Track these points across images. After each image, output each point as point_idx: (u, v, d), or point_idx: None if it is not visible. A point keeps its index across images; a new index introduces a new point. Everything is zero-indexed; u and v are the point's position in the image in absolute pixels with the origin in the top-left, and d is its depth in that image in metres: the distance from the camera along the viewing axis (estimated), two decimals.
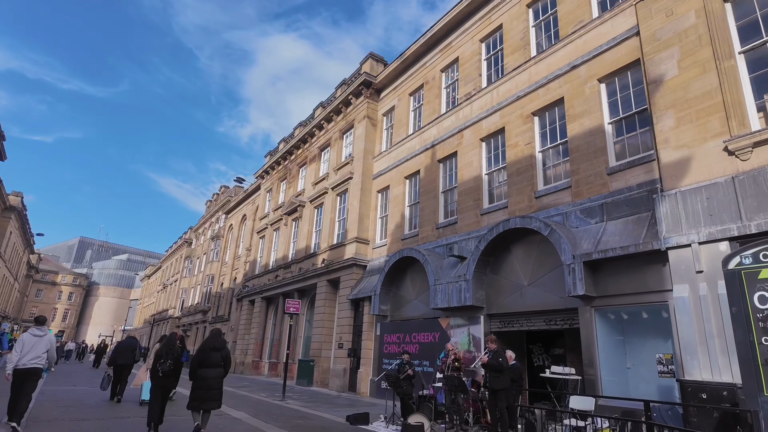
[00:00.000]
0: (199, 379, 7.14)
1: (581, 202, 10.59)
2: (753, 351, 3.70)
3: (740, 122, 7.72)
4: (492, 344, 8.86)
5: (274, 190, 28.69)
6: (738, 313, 3.92)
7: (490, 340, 8.95)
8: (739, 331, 3.91)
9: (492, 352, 8.77)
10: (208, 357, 7.29)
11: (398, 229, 16.86)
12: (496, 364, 8.56)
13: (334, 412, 11.21)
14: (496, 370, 8.57)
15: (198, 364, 7.23)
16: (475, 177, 13.87)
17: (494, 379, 8.53)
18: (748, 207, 7.28)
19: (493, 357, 8.66)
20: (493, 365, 8.58)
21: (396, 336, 14.80)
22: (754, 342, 3.70)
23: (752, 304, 3.79)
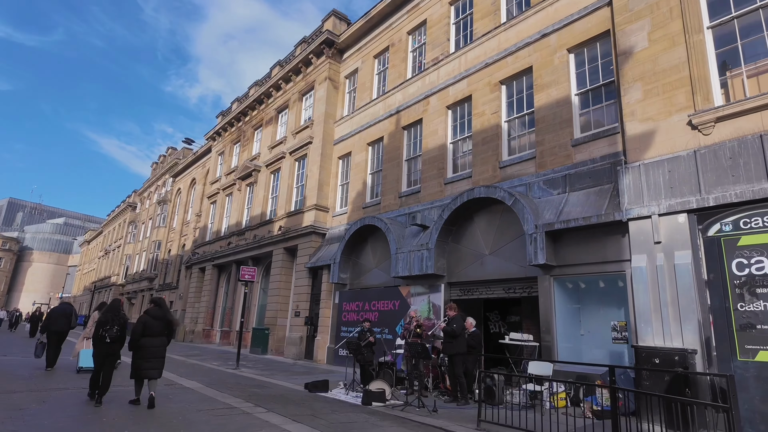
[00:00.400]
0: (140, 348, 6.95)
1: (545, 173, 10.62)
2: (728, 317, 3.72)
3: (705, 97, 7.84)
4: (451, 311, 8.86)
5: (226, 154, 27.36)
6: (715, 279, 3.93)
7: (450, 307, 8.94)
8: (716, 297, 3.93)
9: (449, 318, 8.77)
10: (150, 326, 7.08)
11: (359, 197, 16.49)
12: (450, 330, 8.57)
13: (291, 380, 10.98)
14: (450, 336, 8.59)
15: (140, 333, 7.02)
16: (440, 145, 13.64)
17: (447, 345, 8.57)
18: (707, 180, 7.47)
19: (448, 323, 8.66)
20: (447, 331, 8.59)
21: (355, 304, 14.65)
22: (730, 308, 3.72)
23: (730, 271, 3.79)
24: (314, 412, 7.11)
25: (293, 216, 18.98)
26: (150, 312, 7.26)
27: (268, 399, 8.11)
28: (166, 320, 7.26)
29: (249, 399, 7.98)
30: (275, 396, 8.55)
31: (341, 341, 14.35)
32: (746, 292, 3.63)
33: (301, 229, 17.85)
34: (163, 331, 7.22)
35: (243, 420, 6.35)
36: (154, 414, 6.47)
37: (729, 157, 7.32)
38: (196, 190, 32.63)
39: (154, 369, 6.99)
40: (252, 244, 21.03)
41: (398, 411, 7.62)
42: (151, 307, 7.42)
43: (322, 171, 18.07)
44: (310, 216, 17.81)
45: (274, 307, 18.62)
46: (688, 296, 7.32)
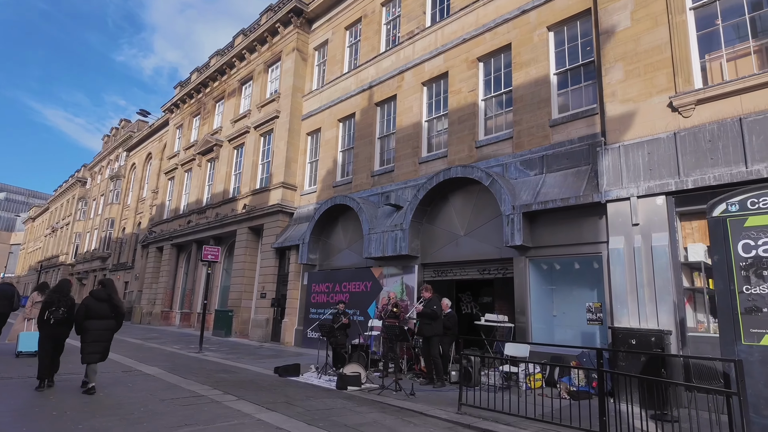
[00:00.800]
0: (85, 331, 6.73)
1: (522, 153, 10.48)
2: (733, 300, 3.64)
3: (686, 79, 7.81)
4: (427, 293, 8.67)
5: (185, 127, 25.93)
6: (720, 261, 3.83)
7: (426, 289, 8.74)
8: (720, 280, 3.84)
9: (426, 300, 8.57)
10: (94, 308, 6.74)
11: (329, 176, 15.96)
12: (430, 312, 8.40)
13: (259, 364, 10.56)
14: (430, 318, 8.42)
15: (83, 315, 6.71)
16: (414, 123, 13.26)
17: (426, 326, 8.39)
18: (686, 163, 7.49)
19: (427, 305, 8.48)
20: (427, 313, 8.40)
21: (325, 285, 14.27)
22: (735, 291, 3.64)
23: (736, 253, 3.70)
24: (288, 399, 6.76)
25: (259, 194, 18.22)
26: (94, 294, 6.94)
27: (237, 385, 7.69)
28: (112, 303, 6.89)
29: (216, 386, 7.53)
30: (244, 382, 8.13)
31: (311, 323, 14.01)
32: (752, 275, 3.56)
33: (267, 207, 17.17)
34: (110, 314, 6.88)
35: (212, 410, 5.92)
36: (113, 405, 5.93)
37: (708, 140, 7.34)
38: (152, 165, 30.96)
39: (94, 353, 6.67)
40: (214, 223, 20.14)
41: (375, 395, 7.39)
42: (96, 288, 7.13)
43: (289, 147, 17.35)
44: (277, 194, 17.13)
45: (238, 289, 17.98)
46: (664, 277, 7.40)
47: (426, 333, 8.35)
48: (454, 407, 6.62)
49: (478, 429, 5.75)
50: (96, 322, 6.76)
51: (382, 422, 5.77)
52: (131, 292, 28.78)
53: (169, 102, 27.30)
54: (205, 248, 13.39)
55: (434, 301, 8.59)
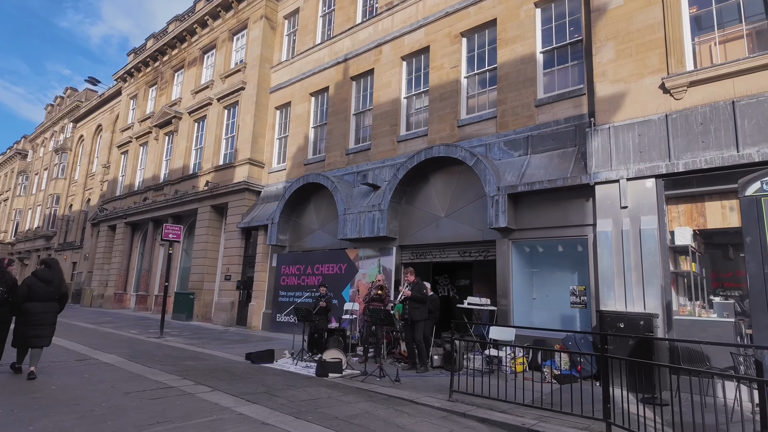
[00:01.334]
0: (25, 314, 6.35)
1: (506, 133, 10.21)
2: (766, 283, 3.46)
3: (678, 60, 7.69)
4: (411, 276, 8.32)
5: (140, 97, 24.18)
6: (753, 243, 3.65)
7: (410, 272, 8.37)
8: (753, 262, 3.66)
9: (412, 284, 8.23)
10: (37, 289, 6.41)
11: (300, 153, 15.22)
12: (420, 296, 8.07)
13: (227, 350, 9.94)
14: (420, 302, 8.10)
15: (24, 296, 6.28)
16: (393, 100, 12.73)
17: (415, 311, 8.05)
18: (677, 146, 7.40)
19: (416, 289, 8.14)
20: (417, 297, 8.07)
21: (296, 268, 13.67)
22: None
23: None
24: (268, 389, 6.26)
25: (223, 170, 17.22)
26: (38, 273, 6.57)
27: (208, 374, 7.10)
28: (56, 284, 6.50)
29: (186, 375, 6.91)
30: (216, 370, 7.54)
31: (280, 307, 13.44)
32: None
33: (232, 185, 16.24)
34: (53, 296, 6.60)
35: (186, 403, 5.35)
36: (69, 400, 5.24)
37: (700, 123, 7.27)
38: (102, 137, 28.85)
39: (39, 337, 6.36)
40: (173, 201, 18.95)
41: (359, 382, 7.01)
42: (39, 268, 6.75)
43: (256, 121, 16.40)
44: (243, 171, 16.22)
45: (200, 270, 17.06)
46: (652, 261, 7.35)
47: (415, 317, 8.00)
48: (444, 394, 6.35)
49: (473, 417, 5.48)
50: (38, 304, 6.41)
51: (373, 413, 5.40)
52: (80, 273, 27.00)
53: (122, 70, 25.34)
54: (165, 227, 12.46)
55: (420, 284, 8.26)
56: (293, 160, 15.41)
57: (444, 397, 6.25)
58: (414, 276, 8.36)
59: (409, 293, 8.08)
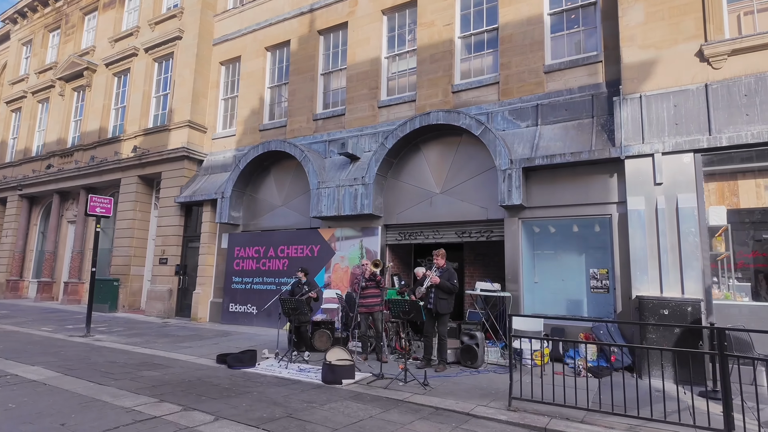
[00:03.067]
0: None
1: (511, 101, 9.25)
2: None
3: (718, 27, 7.14)
4: (441, 260, 7.11)
5: (37, 43, 19.93)
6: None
7: (440, 255, 7.15)
8: None
9: (441, 270, 7.04)
10: None
11: (254, 117, 13.16)
12: (450, 285, 6.89)
13: (184, 350, 8.09)
14: (448, 292, 6.93)
15: None
16: (372, 59, 11.21)
17: (441, 302, 6.88)
18: (718, 118, 6.89)
19: (445, 276, 6.96)
20: (447, 287, 6.88)
21: (254, 250, 11.82)
22: None
23: None
24: (286, 409, 4.76)
25: (154, 134, 14.55)
26: None
27: (186, 390, 5.39)
28: None
29: (158, 393, 5.16)
30: (192, 382, 5.82)
31: (233, 295, 11.59)
32: None
33: (167, 152, 13.75)
34: None
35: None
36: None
37: (744, 95, 6.78)
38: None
39: None
40: (87, 169, 15.82)
41: (381, 389, 5.74)
42: None
43: (197, 78, 13.96)
44: (181, 136, 13.78)
45: (125, 253, 14.43)
46: (691, 242, 6.84)
47: (442, 309, 6.82)
48: (495, 400, 5.35)
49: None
50: None
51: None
52: None
53: (11, 9, 20.70)
54: (92, 198, 9.97)
55: (451, 271, 7.08)
56: (245, 125, 13.32)
57: (499, 404, 5.21)
58: (444, 260, 7.15)
59: (438, 280, 6.87)
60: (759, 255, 6.95)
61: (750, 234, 7.17)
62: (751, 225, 7.05)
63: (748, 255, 7.35)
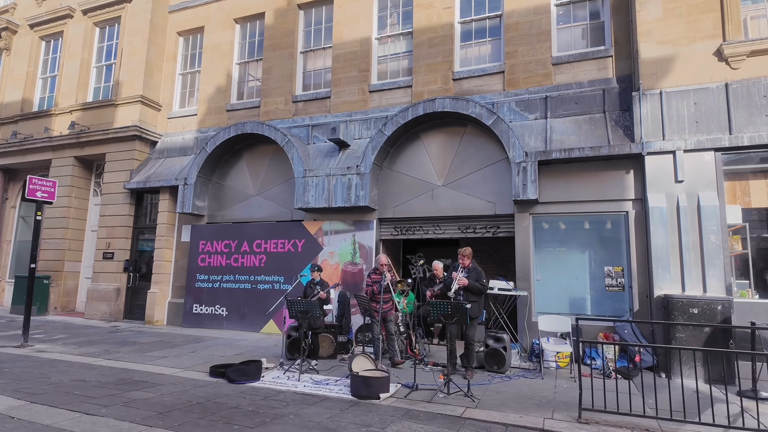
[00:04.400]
0: None
1: (517, 92, 8.90)
2: None
3: (736, 27, 7.21)
4: (467, 260, 6.53)
5: None
6: None
7: (466, 254, 6.55)
8: None
9: (468, 270, 6.46)
10: None
11: (220, 95, 11.78)
12: (480, 286, 6.33)
13: (157, 361, 6.86)
14: (478, 294, 6.37)
15: None
16: (362, 39, 10.37)
17: (472, 305, 6.29)
18: (738, 118, 6.95)
19: (472, 276, 6.39)
20: (476, 288, 6.32)
21: (223, 244, 10.54)
22: None
23: None
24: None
25: (96, 110, 12.60)
26: None
27: (206, 416, 4.36)
28: None
29: (177, 424, 4.10)
30: (204, 405, 4.76)
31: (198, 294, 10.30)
32: None
33: (114, 130, 11.94)
34: None
35: None
36: None
37: (763, 96, 6.90)
38: None
39: None
40: (7, 146, 13.42)
41: (426, 403, 5.06)
42: None
43: (151, 48, 12.25)
44: (131, 113, 12.04)
45: (58, 246, 12.40)
46: (714, 241, 6.84)
47: (473, 314, 6.23)
48: (553, 410, 4.90)
49: None
50: None
51: None
52: None
53: None
54: (32, 180, 8.22)
55: (479, 271, 6.50)
56: (209, 104, 11.89)
57: (564, 416, 4.76)
58: (470, 259, 6.56)
59: (466, 282, 6.28)
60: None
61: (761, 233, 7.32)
62: (760, 224, 7.20)
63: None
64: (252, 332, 9.71)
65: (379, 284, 6.83)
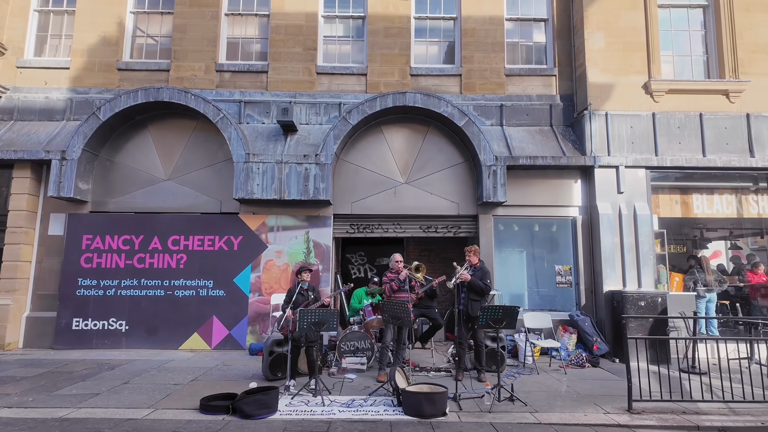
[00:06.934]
0: None
1: (474, 97, 9.15)
2: None
3: (657, 68, 8.70)
4: (475, 258, 6.34)
5: None
6: None
7: (474, 252, 6.35)
8: None
9: (475, 268, 6.30)
10: None
11: (106, 48, 9.17)
12: (484, 285, 6.21)
13: (87, 402, 4.95)
14: (480, 294, 6.24)
15: None
16: (308, 14, 9.31)
17: (474, 304, 6.17)
18: (661, 143, 8.40)
19: (478, 275, 6.24)
20: (479, 288, 6.16)
21: (121, 240, 8.21)
22: None
23: None
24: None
25: None
26: None
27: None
28: None
29: None
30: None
31: (76, 305, 7.97)
32: None
33: None
34: None
35: None
36: None
37: (677, 127, 8.47)
38: None
39: None
40: None
41: (491, 414, 4.77)
42: None
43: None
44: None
45: None
46: (647, 243, 8.13)
47: (474, 312, 6.04)
48: (595, 404, 5.14)
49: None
50: None
51: None
52: None
53: None
54: None
55: (485, 270, 6.33)
56: (89, 57, 9.15)
57: (613, 408, 5.03)
58: (477, 257, 6.36)
59: (468, 277, 6.08)
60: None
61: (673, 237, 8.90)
62: (671, 230, 8.81)
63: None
64: (168, 350, 7.81)
65: (397, 279, 6.24)
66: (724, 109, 8.53)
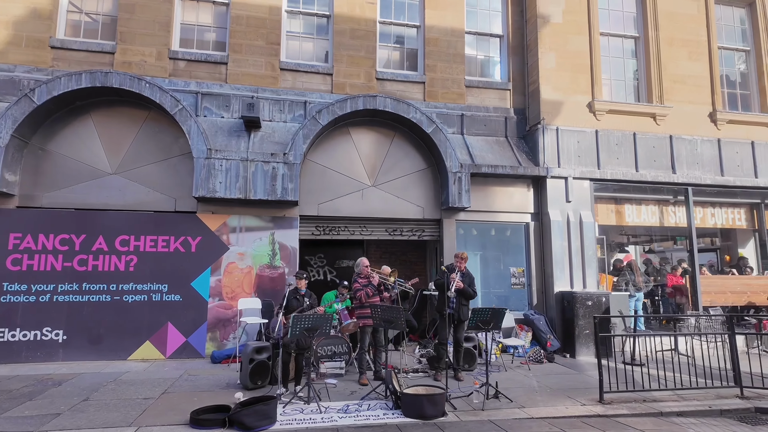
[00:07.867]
0: None
1: (437, 105, 9.43)
2: None
3: (599, 90, 9.62)
4: (463, 264, 6.57)
5: None
6: None
7: (462, 258, 6.56)
8: None
9: (463, 274, 6.53)
10: None
11: (36, 23, 8.10)
12: (472, 292, 6.48)
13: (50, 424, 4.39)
14: (468, 299, 6.49)
15: None
16: (271, 7, 8.97)
17: (464, 309, 6.44)
18: (602, 158, 9.29)
19: (467, 281, 6.49)
20: (468, 294, 6.42)
21: (58, 239, 7.29)
22: None
23: None
24: None
25: None
26: None
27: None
28: None
29: None
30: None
31: (11, 314, 6.99)
32: None
33: None
34: None
35: None
36: None
37: (615, 144, 9.43)
38: None
39: None
40: None
41: (486, 412, 5.00)
42: None
43: None
44: None
45: None
46: (591, 248, 8.94)
47: (464, 317, 6.27)
48: (567, 397, 5.59)
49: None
50: None
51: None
52: None
53: None
54: None
55: (471, 276, 6.56)
56: (14, 31, 8.03)
57: (586, 400, 5.51)
58: (465, 263, 6.57)
59: (461, 285, 6.32)
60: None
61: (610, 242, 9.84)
62: (607, 236, 9.75)
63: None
64: (116, 361, 7.09)
65: (372, 285, 6.23)
66: (652, 130, 9.64)
